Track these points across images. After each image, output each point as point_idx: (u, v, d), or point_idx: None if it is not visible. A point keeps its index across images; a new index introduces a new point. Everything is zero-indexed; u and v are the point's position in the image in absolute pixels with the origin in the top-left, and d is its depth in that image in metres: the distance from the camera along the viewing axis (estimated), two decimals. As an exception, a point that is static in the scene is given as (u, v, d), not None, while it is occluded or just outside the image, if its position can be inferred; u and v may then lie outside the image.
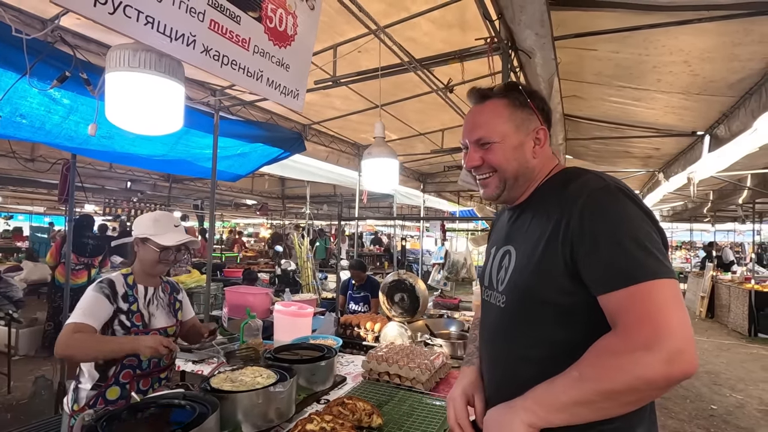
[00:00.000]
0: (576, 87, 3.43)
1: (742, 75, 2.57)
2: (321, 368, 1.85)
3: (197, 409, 1.29)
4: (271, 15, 1.29)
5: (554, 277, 0.90)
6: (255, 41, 1.29)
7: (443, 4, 2.48)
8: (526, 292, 0.96)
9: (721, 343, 7.04)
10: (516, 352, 0.98)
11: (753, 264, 8.85)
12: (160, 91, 1.15)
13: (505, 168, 1.05)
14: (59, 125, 2.58)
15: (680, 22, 2.04)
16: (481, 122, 1.07)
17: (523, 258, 0.98)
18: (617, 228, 0.83)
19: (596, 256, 0.84)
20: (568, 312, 0.90)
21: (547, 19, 1.86)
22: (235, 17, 1.24)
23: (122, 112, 1.19)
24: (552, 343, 0.92)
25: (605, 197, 0.88)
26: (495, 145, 1.05)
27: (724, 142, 3.41)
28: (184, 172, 4.42)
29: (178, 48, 1.09)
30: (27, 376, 4.34)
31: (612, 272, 0.81)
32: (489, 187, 1.09)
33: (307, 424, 1.38)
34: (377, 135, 2.75)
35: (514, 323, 0.99)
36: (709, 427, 3.81)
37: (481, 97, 1.10)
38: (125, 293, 1.74)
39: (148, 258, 1.80)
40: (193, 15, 1.14)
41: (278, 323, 2.57)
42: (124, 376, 1.71)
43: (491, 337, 1.08)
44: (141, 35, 1.05)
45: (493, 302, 1.07)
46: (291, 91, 1.45)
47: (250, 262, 10.15)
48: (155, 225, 1.80)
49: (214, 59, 1.21)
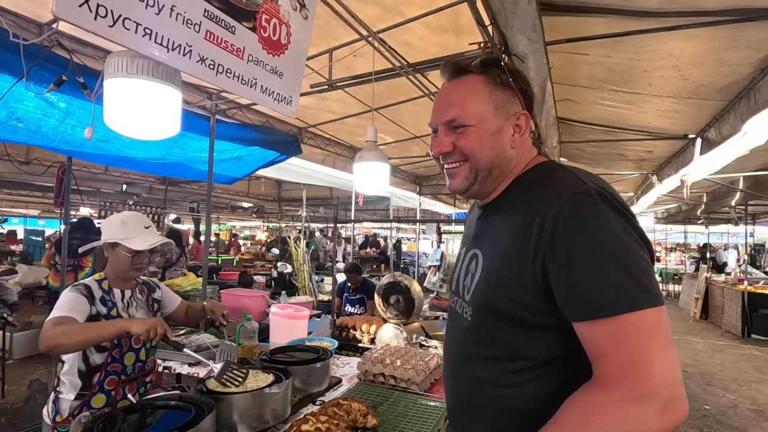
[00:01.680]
0: (569, 91, 3.47)
1: (731, 79, 2.61)
2: (316, 370, 1.86)
3: (193, 410, 1.30)
4: (265, 25, 1.33)
5: (522, 292, 0.78)
6: (249, 50, 1.33)
7: (437, 9, 2.51)
8: (489, 306, 0.84)
9: (714, 344, 7.10)
10: (476, 372, 0.87)
11: (745, 265, 8.92)
12: (158, 97, 1.18)
13: (479, 156, 0.89)
14: (55, 129, 2.59)
15: (669, 28, 2.08)
16: (455, 101, 0.91)
17: (490, 265, 0.86)
18: (597, 243, 0.71)
19: (571, 276, 0.72)
20: (538, 330, 0.79)
21: (538, 24, 1.89)
22: (230, 27, 1.27)
23: (121, 118, 1.21)
24: (518, 363, 0.81)
25: (585, 204, 0.74)
26: (470, 128, 0.89)
27: (714, 145, 3.46)
28: (181, 175, 4.42)
29: (175, 58, 1.12)
30: (21, 380, 4.32)
31: (590, 298, 0.70)
32: (457, 177, 0.93)
33: (303, 425, 1.40)
34: (369, 139, 2.78)
35: (477, 340, 0.87)
36: (702, 427, 3.84)
37: (457, 70, 0.93)
38: (102, 297, 1.68)
39: (120, 263, 1.71)
40: (190, 26, 1.17)
41: (274, 325, 2.58)
42: (109, 383, 1.65)
43: (454, 350, 0.96)
44: (139, 46, 1.08)
45: (458, 311, 0.95)
46: (284, 97, 1.48)
47: (246, 265, 10.13)
48: (123, 228, 1.71)
49: (209, 68, 1.25)
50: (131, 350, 1.73)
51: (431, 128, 0.97)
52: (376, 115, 4.39)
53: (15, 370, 4.67)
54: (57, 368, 1.69)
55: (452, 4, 2.39)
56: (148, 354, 1.80)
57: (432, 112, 0.96)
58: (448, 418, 1.02)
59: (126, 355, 1.71)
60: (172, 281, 6.01)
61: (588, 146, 5.16)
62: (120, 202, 8.18)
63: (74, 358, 1.63)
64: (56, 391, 1.66)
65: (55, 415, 1.63)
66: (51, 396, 1.69)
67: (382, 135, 5.20)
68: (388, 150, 5.85)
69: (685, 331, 8.22)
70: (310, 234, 12.28)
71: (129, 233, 1.71)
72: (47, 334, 1.44)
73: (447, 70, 0.95)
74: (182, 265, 7.08)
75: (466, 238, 1.07)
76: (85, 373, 1.63)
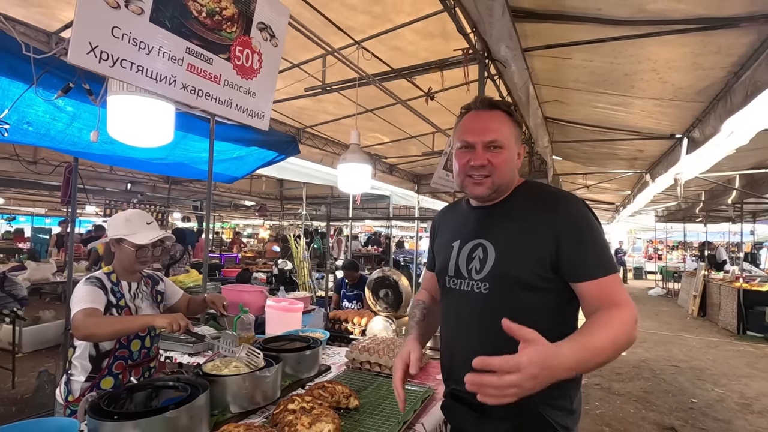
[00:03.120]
0: (558, 92, 3.58)
1: (708, 82, 2.72)
2: (306, 357, 2.00)
3: (189, 390, 1.44)
4: (239, 55, 1.54)
5: (536, 265, 1.12)
6: (225, 76, 1.57)
7: (425, 16, 2.63)
8: (510, 278, 1.14)
9: (709, 341, 7.18)
10: (501, 335, 1.03)
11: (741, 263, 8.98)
12: (154, 111, 1.34)
13: (503, 172, 1.19)
14: (63, 132, 2.73)
15: (641, 35, 2.19)
16: (494, 127, 1.19)
17: (506, 250, 1.16)
18: (592, 231, 1.13)
19: (580, 252, 1.10)
20: (541, 292, 1.14)
21: (514, 33, 2.01)
22: (208, 59, 1.52)
23: (123, 129, 1.37)
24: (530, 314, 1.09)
25: (580, 208, 1.16)
26: (503, 150, 1.19)
27: (699, 144, 3.56)
28: (183, 174, 4.57)
29: (163, 87, 1.36)
30: (30, 371, 4.50)
31: (597, 265, 1.09)
32: (483, 186, 1.20)
33: (289, 404, 1.53)
34: (353, 141, 2.95)
35: (498, 303, 1.16)
36: (687, 419, 3.95)
37: (491, 105, 1.23)
38: (112, 288, 1.82)
39: (125, 257, 1.86)
40: (174, 61, 1.43)
41: (270, 318, 2.72)
42: (117, 366, 1.81)
43: (471, 318, 1.22)
44: (133, 80, 1.35)
45: (466, 289, 1.23)
46: (257, 113, 1.68)
47: (248, 263, 10.30)
48: (127, 225, 1.86)
49: (191, 93, 1.50)
50: (137, 338, 1.88)
51: (464, 144, 1.21)
52: (372, 116, 4.52)
53: (24, 363, 4.85)
54: (69, 353, 1.84)
55: (436, 13, 2.51)
56: (152, 341, 1.96)
57: (466, 131, 1.22)
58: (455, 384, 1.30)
59: (133, 342, 1.86)
60: (176, 278, 6.17)
61: (582, 146, 5.26)
62: (125, 201, 8.36)
63: (86, 344, 1.77)
64: (68, 373, 1.82)
65: (67, 396, 1.79)
66: (63, 378, 1.85)
67: (379, 135, 5.32)
68: (385, 149, 5.98)
69: (681, 327, 8.30)
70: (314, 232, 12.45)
71: (132, 229, 1.85)
72: (81, 323, 1.61)
73: (484, 103, 1.24)
74: (186, 263, 7.23)
75: (459, 234, 1.31)
76: (96, 357, 1.78)
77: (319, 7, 2.57)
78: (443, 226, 1.45)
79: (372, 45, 2.97)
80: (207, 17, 1.44)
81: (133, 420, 1.25)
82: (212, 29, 1.48)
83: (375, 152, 6.03)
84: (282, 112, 4.31)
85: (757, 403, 4.36)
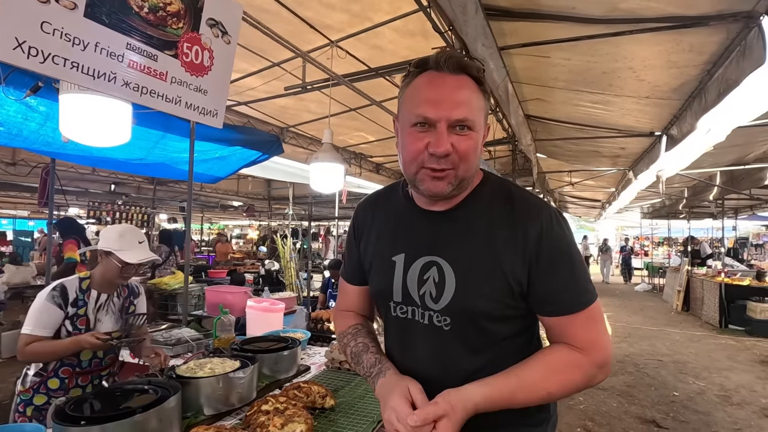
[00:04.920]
0: (539, 91, 3.61)
1: (682, 80, 2.76)
2: (284, 357, 1.98)
3: (159, 392, 1.42)
4: (187, 51, 1.49)
5: (505, 295, 0.89)
6: (172, 73, 1.51)
7: (403, 15, 2.63)
8: (476, 312, 0.91)
9: (692, 335, 7.30)
10: (464, 369, 0.94)
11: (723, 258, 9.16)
12: (108, 109, 1.30)
13: (470, 163, 0.87)
14: (36, 132, 2.68)
15: (615, 34, 2.22)
16: (463, 99, 0.85)
17: (469, 275, 0.90)
18: (570, 254, 0.89)
19: (553, 280, 0.88)
20: (510, 321, 0.94)
21: (489, 32, 2.02)
22: (153, 56, 1.46)
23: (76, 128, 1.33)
24: (498, 343, 0.95)
25: (558, 221, 0.90)
26: (472, 133, 0.86)
27: (677, 141, 3.62)
28: (164, 174, 4.52)
29: (101, 84, 1.30)
30: (10, 377, 4.39)
31: (568, 299, 0.89)
32: (443, 181, 0.87)
33: (263, 405, 1.51)
34: (325, 141, 2.94)
35: (462, 340, 0.94)
36: (668, 412, 4.01)
37: (459, 67, 0.85)
38: (76, 298, 1.82)
39: (109, 270, 1.87)
40: (113, 58, 1.36)
41: (250, 319, 2.70)
42: (63, 372, 1.84)
43: (430, 354, 0.97)
44: (67, 76, 1.28)
45: (421, 321, 0.96)
46: (210, 111, 1.64)
47: (236, 264, 10.21)
48: (120, 240, 1.86)
49: (134, 90, 1.42)
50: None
51: (420, 119, 0.85)
52: (357, 115, 4.50)
53: (3, 369, 4.74)
54: None
55: (414, 11, 2.51)
56: (107, 352, 1.94)
57: (423, 101, 0.85)
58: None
59: (83, 352, 1.85)
60: (160, 280, 6.10)
61: (566, 143, 5.31)
62: (109, 202, 8.24)
63: None
64: (27, 366, 1.89)
65: (20, 386, 1.87)
66: (23, 370, 1.92)
67: (364, 134, 5.31)
68: (371, 148, 5.97)
69: (665, 322, 8.43)
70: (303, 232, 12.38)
71: (124, 245, 1.86)
72: (20, 350, 1.72)
73: (449, 64, 0.85)
74: (172, 264, 7.15)
75: (400, 241, 1.00)
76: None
77: (297, 5, 2.56)
78: (373, 225, 1.08)
79: (351, 43, 2.96)
80: (150, 13, 1.40)
81: (100, 424, 1.22)
82: (156, 25, 1.43)
83: (361, 151, 6.02)
84: (264, 111, 4.28)
85: (736, 395, 4.45)
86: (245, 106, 4.06)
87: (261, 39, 2.97)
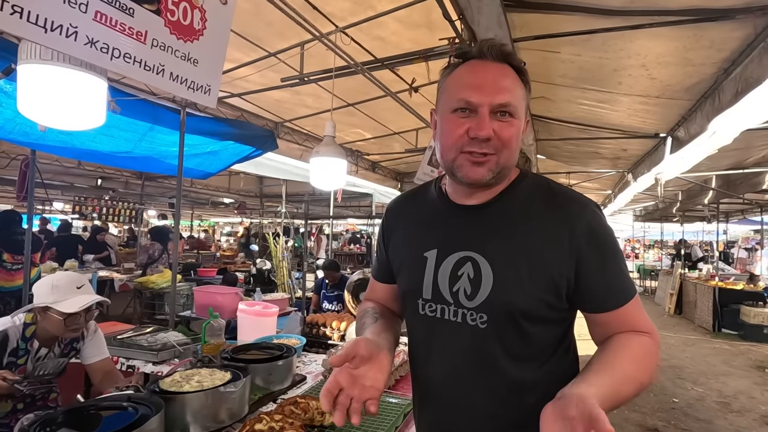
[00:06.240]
0: (544, 88, 3.50)
1: (696, 79, 2.66)
2: (278, 368, 1.84)
3: (139, 411, 1.26)
4: (172, 8, 1.24)
5: (549, 294, 0.86)
6: (153, 34, 1.25)
7: (408, 4, 2.49)
8: (515, 310, 0.86)
9: (687, 339, 7.29)
10: (509, 374, 0.88)
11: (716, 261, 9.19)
12: (77, 86, 1.12)
13: (511, 151, 0.86)
14: (12, 120, 2.49)
15: (633, 27, 2.10)
16: (507, 86, 0.84)
17: (508, 270, 0.86)
18: (616, 245, 0.91)
19: (607, 277, 0.87)
20: (550, 325, 0.90)
21: (504, 21, 1.89)
22: (127, 9, 1.19)
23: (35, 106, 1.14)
24: (537, 350, 0.90)
25: (602, 218, 0.90)
26: (514, 120, 0.85)
27: (684, 143, 3.53)
28: (152, 169, 4.33)
29: (56, 39, 1.03)
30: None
31: (623, 292, 0.88)
32: (484, 167, 0.85)
33: (256, 424, 1.37)
34: (327, 134, 2.76)
35: (501, 341, 0.88)
36: (669, 419, 3.94)
37: (503, 56, 0.87)
38: (16, 348, 1.67)
39: (53, 326, 1.71)
40: (73, 6, 1.08)
41: (242, 323, 2.54)
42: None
43: (463, 357, 0.91)
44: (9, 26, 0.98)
45: (452, 320, 0.91)
46: (201, 86, 1.39)
47: (226, 262, 10.00)
48: (54, 291, 1.70)
49: (102, 51, 1.16)
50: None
51: (463, 103, 0.84)
52: (354, 111, 4.36)
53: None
54: None
55: (419, 0, 2.37)
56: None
57: (466, 86, 0.84)
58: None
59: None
60: (148, 278, 5.90)
61: (566, 144, 5.22)
62: (95, 197, 7.98)
63: None
64: None
65: None
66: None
67: (361, 131, 5.16)
68: (368, 146, 5.82)
69: (659, 325, 8.41)
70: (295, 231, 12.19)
71: (60, 296, 1.69)
72: None
73: (493, 51, 0.86)
74: (164, 262, 6.95)
75: (432, 237, 0.96)
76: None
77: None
78: (403, 223, 1.06)
79: (353, 34, 2.81)
80: (124, -49, 1.13)
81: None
82: (132, -33, 1.16)
83: (357, 149, 5.87)
84: (258, 104, 4.11)
85: (736, 402, 4.39)
86: (238, 98, 3.89)
87: (256, 27, 2.81)
